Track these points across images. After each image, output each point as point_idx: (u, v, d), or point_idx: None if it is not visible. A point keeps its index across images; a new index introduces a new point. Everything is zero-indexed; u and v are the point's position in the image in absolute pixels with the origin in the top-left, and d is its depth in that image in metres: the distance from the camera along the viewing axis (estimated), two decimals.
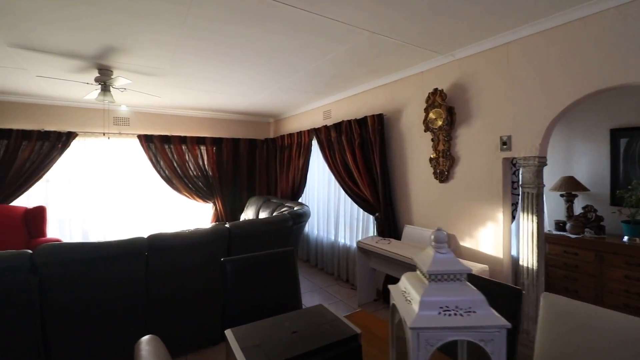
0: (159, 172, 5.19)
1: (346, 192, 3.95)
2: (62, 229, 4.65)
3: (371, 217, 3.79)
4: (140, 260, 2.11)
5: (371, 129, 3.55)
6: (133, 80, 3.34)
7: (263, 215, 4.47)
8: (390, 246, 3.10)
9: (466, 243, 2.76)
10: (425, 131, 3.01)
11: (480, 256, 2.64)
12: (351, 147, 3.82)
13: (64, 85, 3.59)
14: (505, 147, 2.46)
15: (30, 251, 1.79)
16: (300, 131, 5.01)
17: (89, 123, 4.79)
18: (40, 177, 4.39)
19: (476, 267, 2.49)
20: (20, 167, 4.25)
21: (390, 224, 3.39)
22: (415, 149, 3.23)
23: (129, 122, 5.09)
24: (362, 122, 3.69)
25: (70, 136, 4.55)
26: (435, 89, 2.89)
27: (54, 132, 4.45)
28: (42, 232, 4.11)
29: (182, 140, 5.40)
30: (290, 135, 5.33)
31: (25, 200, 4.35)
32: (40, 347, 1.84)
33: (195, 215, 5.66)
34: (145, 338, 0.82)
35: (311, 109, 5.03)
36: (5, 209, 4.02)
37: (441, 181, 2.95)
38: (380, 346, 1.33)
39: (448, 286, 0.67)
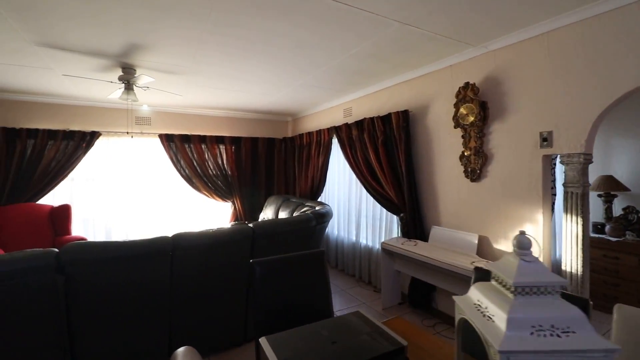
0: (179, 171, 5.22)
1: (368, 191, 3.83)
2: (86, 227, 4.72)
3: (395, 218, 3.67)
4: (164, 259, 2.07)
5: (395, 126, 3.43)
6: (156, 79, 3.34)
7: (283, 214, 4.41)
8: (417, 248, 2.97)
9: (500, 246, 2.60)
10: (455, 127, 2.87)
11: None
12: (374, 145, 3.71)
13: (88, 85, 3.62)
14: (545, 143, 2.30)
15: (56, 250, 1.77)
16: (320, 129, 4.93)
17: (112, 123, 4.85)
18: (66, 175, 4.47)
19: None
20: (46, 166, 4.34)
21: (416, 225, 3.26)
22: (444, 147, 3.09)
23: (150, 122, 5.13)
24: (385, 119, 3.57)
25: (94, 136, 4.62)
26: (467, 83, 2.74)
27: (79, 131, 4.52)
28: (67, 230, 4.18)
29: (202, 139, 5.41)
30: (309, 133, 5.25)
31: (51, 199, 4.44)
32: (66, 347, 1.82)
33: (214, 214, 5.66)
34: (182, 350, 0.75)
35: (331, 106, 4.94)
36: (32, 207, 4.11)
37: (473, 180, 2.79)
38: None
39: (538, 301, 0.57)
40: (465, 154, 2.83)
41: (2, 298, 1.58)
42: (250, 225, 2.44)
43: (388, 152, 3.56)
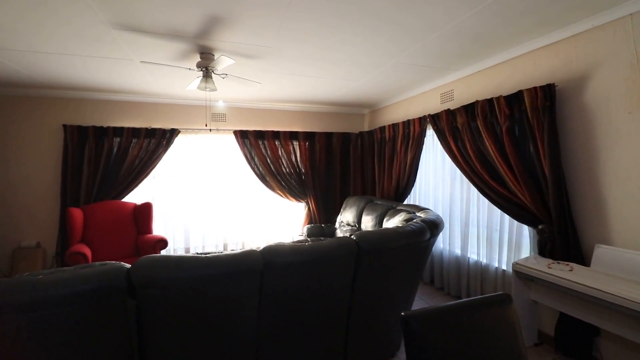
0: (253, 168, 4.95)
1: (485, 194, 3.01)
2: (166, 226, 4.69)
3: (525, 229, 2.80)
4: (253, 279, 1.60)
5: (530, 107, 2.56)
6: (235, 63, 2.98)
7: (367, 219, 3.80)
8: (574, 275, 2.11)
9: None
10: None
11: None
12: (493, 135, 2.88)
13: (168, 78, 3.45)
14: None
15: (127, 266, 1.40)
16: (407, 120, 4.20)
17: (190, 120, 4.76)
18: (148, 173, 4.46)
19: None
20: (130, 163, 4.36)
21: (567, 242, 2.37)
22: (618, 135, 2.16)
23: (225, 118, 4.95)
24: (512, 99, 2.72)
25: (173, 133, 4.55)
26: None
27: (159, 129, 4.49)
28: (149, 228, 4.12)
29: (276, 135, 5.07)
30: (393, 126, 4.55)
31: (134, 197, 4.46)
32: None
33: (288, 214, 5.30)
34: None
35: (422, 92, 4.18)
36: (118, 205, 4.13)
37: None
38: None
39: None
40: None
41: (59, 327, 1.24)
42: (353, 237, 1.87)
43: (517, 143, 2.71)
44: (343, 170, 5.47)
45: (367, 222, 3.76)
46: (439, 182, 3.89)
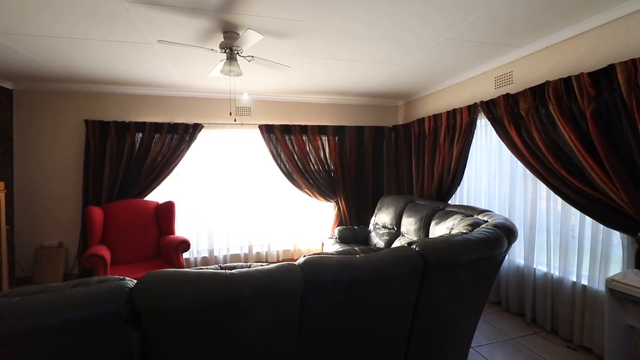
0: (279, 165, 4.62)
1: (560, 193, 2.50)
2: (189, 226, 4.45)
3: (615, 237, 2.27)
4: (292, 302, 1.23)
5: (626, 85, 2.04)
6: (262, 40, 2.64)
7: (409, 221, 3.35)
8: None
9: None
10: None
11: None
12: (572, 121, 2.36)
13: (188, 63, 3.17)
14: None
15: (129, 284, 1.06)
16: (453, 109, 3.72)
17: (214, 114, 4.50)
18: (171, 170, 4.24)
19: None
20: (153, 160, 4.15)
21: None
22: None
23: (250, 112, 4.65)
24: (599, 76, 2.20)
25: (196, 128, 4.30)
26: None
27: (182, 124, 4.25)
28: (171, 229, 3.88)
29: (303, 129, 4.72)
30: (434, 117, 4.07)
31: (156, 196, 4.24)
32: None
33: (316, 215, 4.93)
34: None
35: (469, 77, 3.67)
36: (140, 204, 3.92)
37: None
38: None
39: None
40: None
41: None
42: (416, 247, 1.45)
43: (606, 130, 2.19)
44: (375, 167, 5.03)
45: (409, 225, 3.32)
46: (493, 180, 3.38)
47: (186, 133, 4.26)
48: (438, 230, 2.73)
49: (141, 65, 3.19)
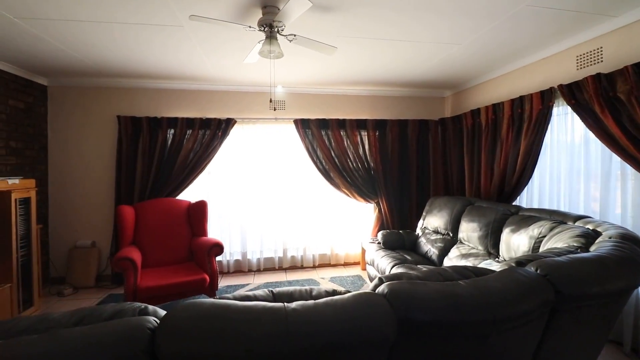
0: (315, 163, 4.28)
1: None
2: (221, 226, 4.23)
3: None
4: (378, 353, 0.85)
5: None
6: (301, 25, 2.30)
7: (470, 227, 2.88)
8: None
9: None
10: None
11: None
12: None
13: (221, 49, 2.89)
14: None
15: (151, 323, 0.74)
16: (520, 97, 3.19)
17: (247, 108, 4.24)
18: (203, 168, 4.02)
19: None
20: (185, 157, 3.95)
21: None
22: None
23: (284, 106, 4.35)
24: None
25: (229, 123, 4.06)
26: None
27: (214, 119, 4.02)
28: (203, 230, 3.65)
29: (341, 124, 4.34)
30: (495, 106, 3.55)
31: (187, 195, 4.04)
32: None
33: (355, 217, 4.55)
34: None
35: (541, 58, 3.12)
36: (171, 203, 3.72)
37: None
38: None
39: None
40: None
41: None
42: (537, 270, 1.03)
43: None
44: (420, 164, 4.56)
45: (470, 232, 2.86)
46: (576, 179, 2.82)
47: (218, 129, 4.02)
48: (517, 239, 2.25)
49: (171, 52, 2.94)
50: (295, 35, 2.18)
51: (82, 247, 3.85)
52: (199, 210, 3.68)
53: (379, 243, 3.77)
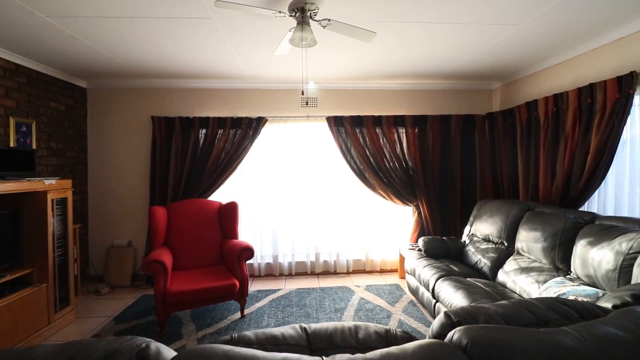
0: (349, 162, 4.03)
1: None
2: (253, 229, 4.11)
3: None
4: None
5: None
6: (336, 11, 2.07)
7: (532, 236, 2.49)
8: None
9: None
10: None
11: None
12: None
13: (248, 41, 2.74)
14: None
15: None
16: (590, 84, 2.73)
17: (278, 107, 4.09)
18: (234, 168, 3.93)
19: None
20: (216, 157, 3.89)
21: None
22: None
23: (316, 103, 4.14)
24: None
25: (260, 122, 3.93)
26: None
27: (245, 118, 3.91)
28: (234, 232, 3.53)
29: (377, 121, 4.06)
30: (556, 97, 3.10)
31: (218, 196, 3.97)
32: None
33: (392, 220, 4.24)
34: None
35: (616, 39, 2.65)
36: (203, 204, 3.65)
37: None
38: None
39: None
40: None
41: None
42: None
43: None
44: (465, 164, 4.15)
45: (532, 242, 2.47)
46: None
47: (249, 128, 3.91)
48: (597, 255, 1.86)
49: (199, 46, 2.82)
50: (329, 21, 1.95)
51: (119, 246, 3.91)
52: (229, 211, 3.57)
53: (419, 250, 3.45)
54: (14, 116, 2.91)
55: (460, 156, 4.13)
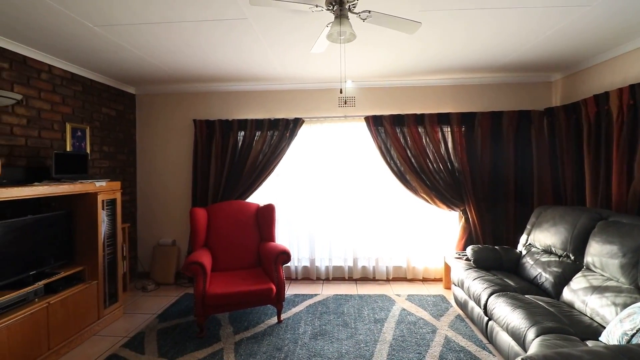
0: (389, 164, 3.84)
1: None
2: (290, 231, 4.07)
3: None
4: None
5: None
6: (377, 2, 1.92)
7: (605, 250, 2.14)
8: None
9: None
10: None
11: None
12: None
13: (286, 39, 2.67)
14: None
15: None
16: None
17: (315, 107, 4.02)
18: (271, 170, 3.92)
19: None
20: (255, 159, 3.91)
21: None
22: None
23: (354, 102, 4.00)
24: None
25: (297, 123, 3.88)
26: None
27: (282, 119, 3.88)
28: (271, 235, 3.50)
29: (418, 119, 3.82)
30: (632, 88, 2.66)
31: (256, 198, 3.98)
32: None
33: (436, 226, 3.97)
34: None
35: None
36: (241, 206, 3.66)
37: None
38: None
39: None
40: None
41: None
42: None
43: None
44: (520, 165, 3.76)
45: (605, 257, 2.12)
46: None
47: (286, 129, 3.87)
48: None
49: (234, 47, 2.79)
50: (369, 12, 1.81)
51: (164, 245, 4.07)
52: (267, 213, 3.55)
53: (467, 260, 3.17)
54: (70, 122, 3.13)
55: (514, 156, 3.74)
